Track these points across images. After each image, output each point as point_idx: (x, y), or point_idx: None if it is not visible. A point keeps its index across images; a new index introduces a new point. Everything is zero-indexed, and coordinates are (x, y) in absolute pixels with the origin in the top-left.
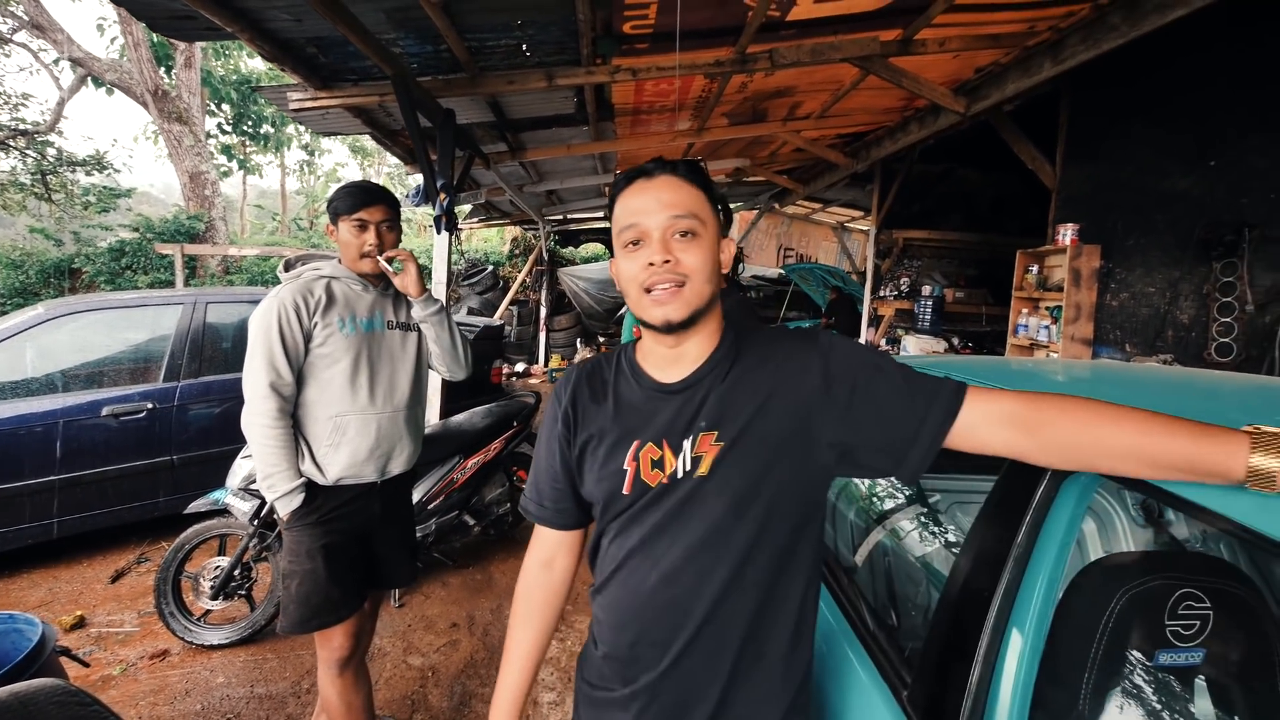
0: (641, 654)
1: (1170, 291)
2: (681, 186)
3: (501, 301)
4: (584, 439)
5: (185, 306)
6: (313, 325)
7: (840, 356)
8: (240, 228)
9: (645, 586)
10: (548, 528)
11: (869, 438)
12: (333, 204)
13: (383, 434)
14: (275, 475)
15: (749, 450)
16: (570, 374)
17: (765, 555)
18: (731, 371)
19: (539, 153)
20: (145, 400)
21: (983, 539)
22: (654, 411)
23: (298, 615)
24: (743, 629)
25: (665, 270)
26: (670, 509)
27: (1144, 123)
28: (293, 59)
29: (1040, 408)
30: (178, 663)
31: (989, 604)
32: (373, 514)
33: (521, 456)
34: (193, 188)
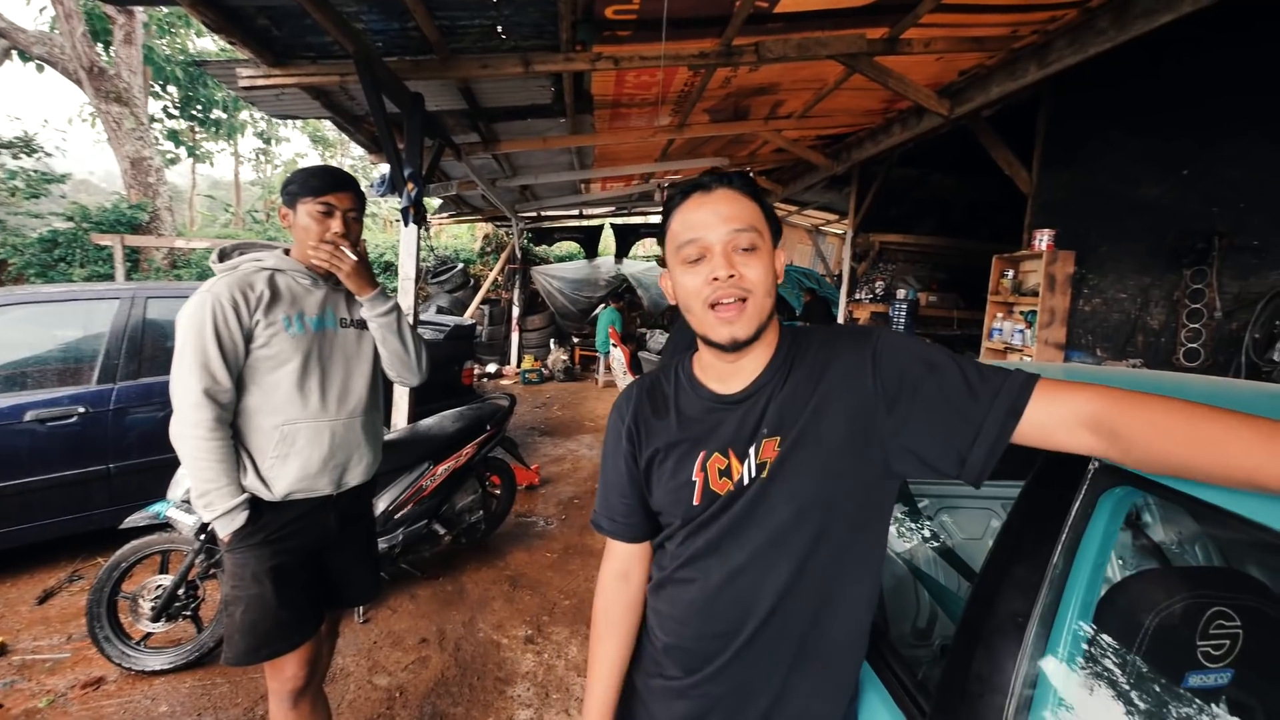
0: (706, 645)
1: (1141, 297)
2: (739, 199)
3: (472, 300)
4: (650, 453)
5: (123, 301)
6: (253, 324)
7: (893, 354)
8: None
9: (712, 582)
10: (621, 541)
11: (927, 437)
12: (291, 185)
13: (337, 443)
14: (212, 493)
15: (808, 452)
16: (631, 391)
17: (826, 554)
18: (790, 377)
19: (513, 145)
20: (76, 404)
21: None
22: (718, 422)
23: (244, 645)
24: (804, 624)
25: (730, 285)
26: (738, 513)
27: (1120, 131)
28: (242, 31)
29: (1123, 409)
30: (114, 691)
31: (1024, 630)
32: (328, 528)
33: (495, 461)
34: (134, 174)
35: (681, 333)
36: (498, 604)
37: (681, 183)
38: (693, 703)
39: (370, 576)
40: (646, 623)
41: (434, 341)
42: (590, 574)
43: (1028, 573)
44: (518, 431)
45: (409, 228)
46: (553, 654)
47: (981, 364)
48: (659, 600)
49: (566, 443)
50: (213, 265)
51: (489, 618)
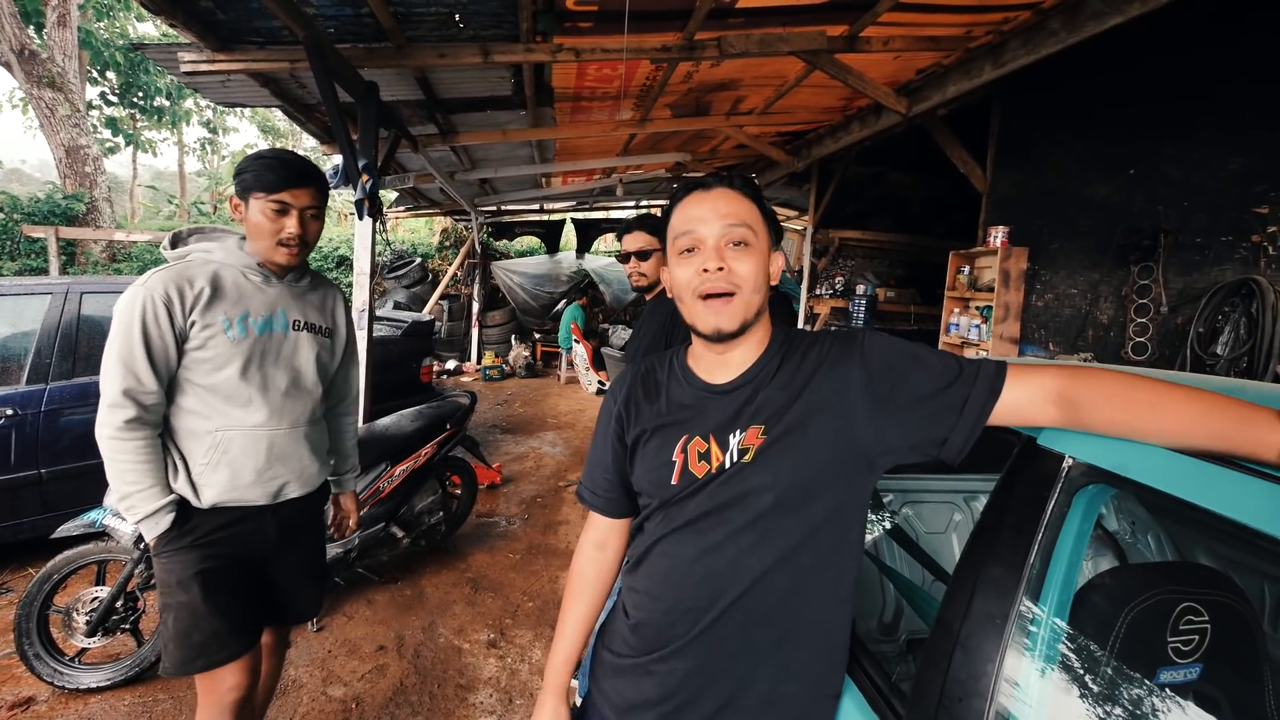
0: (675, 621)
1: (1091, 293)
2: (736, 198)
3: (431, 295)
4: (636, 434)
5: (55, 296)
6: (188, 324)
7: (879, 351)
8: (130, 211)
9: (685, 558)
10: (601, 515)
11: (913, 426)
12: (245, 175)
13: (275, 454)
14: (133, 495)
15: (793, 442)
16: (625, 376)
17: (807, 542)
18: (779, 372)
19: (472, 137)
20: (3, 405)
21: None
22: (704, 410)
23: (179, 655)
24: (776, 609)
25: (719, 277)
26: (715, 494)
27: (1069, 131)
28: (184, 13)
29: (1084, 384)
30: (45, 712)
31: (1003, 632)
32: (266, 538)
33: (456, 461)
34: (69, 164)
35: (646, 325)
36: (459, 608)
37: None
38: (659, 680)
39: (312, 593)
40: (620, 603)
41: (391, 338)
42: (554, 574)
43: (1004, 573)
44: (479, 429)
45: (364, 221)
46: (516, 658)
47: (958, 355)
48: (634, 578)
49: (529, 440)
50: (164, 252)
51: (449, 622)
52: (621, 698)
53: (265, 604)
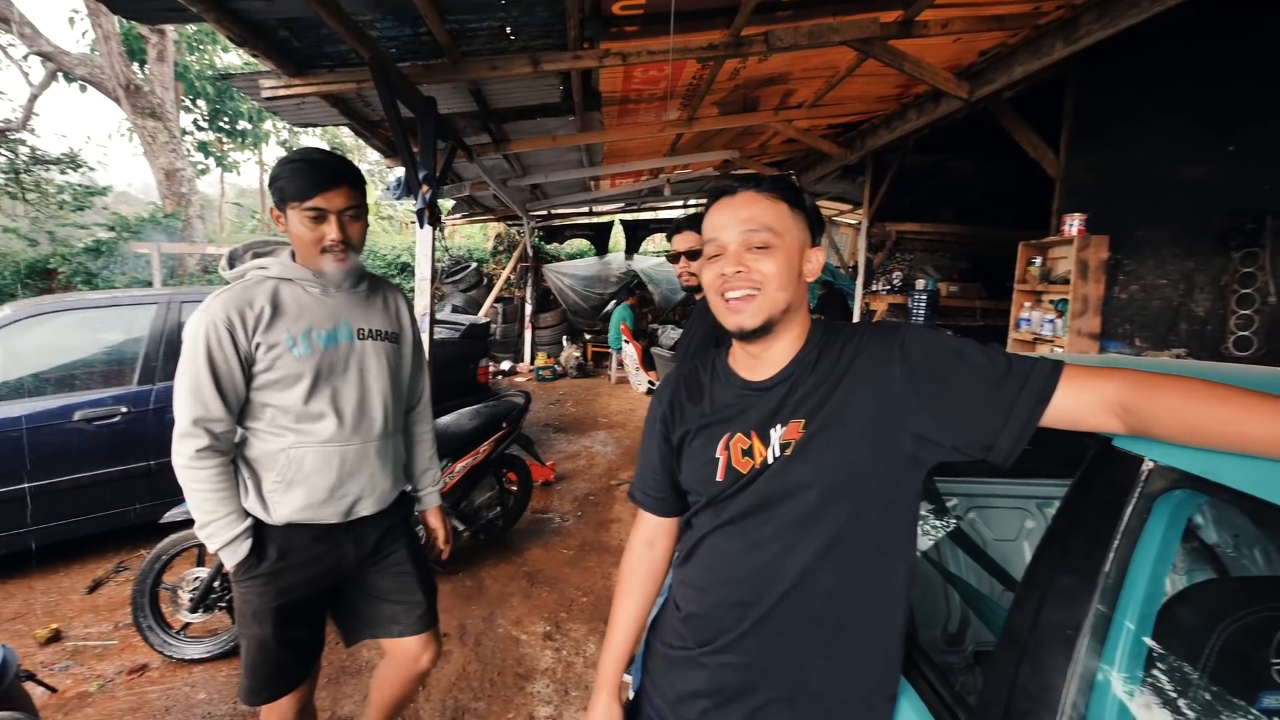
0: (724, 615)
1: (1184, 283)
2: (760, 201)
3: (486, 299)
4: (681, 434)
5: (159, 306)
6: (253, 347)
7: (919, 346)
8: (219, 226)
9: (734, 553)
10: (650, 514)
11: (955, 426)
12: (279, 183)
13: (347, 470)
14: (211, 524)
15: (833, 436)
16: (670, 379)
17: (852, 538)
18: (818, 366)
19: (523, 144)
20: (119, 404)
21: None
22: (745, 406)
23: (248, 684)
24: (826, 606)
25: (738, 279)
26: (761, 489)
27: (1155, 107)
28: (264, 43)
29: (1151, 395)
30: (157, 678)
31: (1075, 644)
32: (344, 557)
33: (512, 458)
34: (168, 185)
35: (697, 325)
36: (516, 600)
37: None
38: (710, 673)
39: (421, 605)
40: (671, 596)
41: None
42: (607, 571)
43: (1077, 582)
44: (533, 428)
45: (424, 229)
46: (571, 651)
47: (1008, 352)
48: (683, 571)
49: (581, 439)
50: (222, 272)
51: (508, 613)
52: (673, 689)
53: (367, 618)
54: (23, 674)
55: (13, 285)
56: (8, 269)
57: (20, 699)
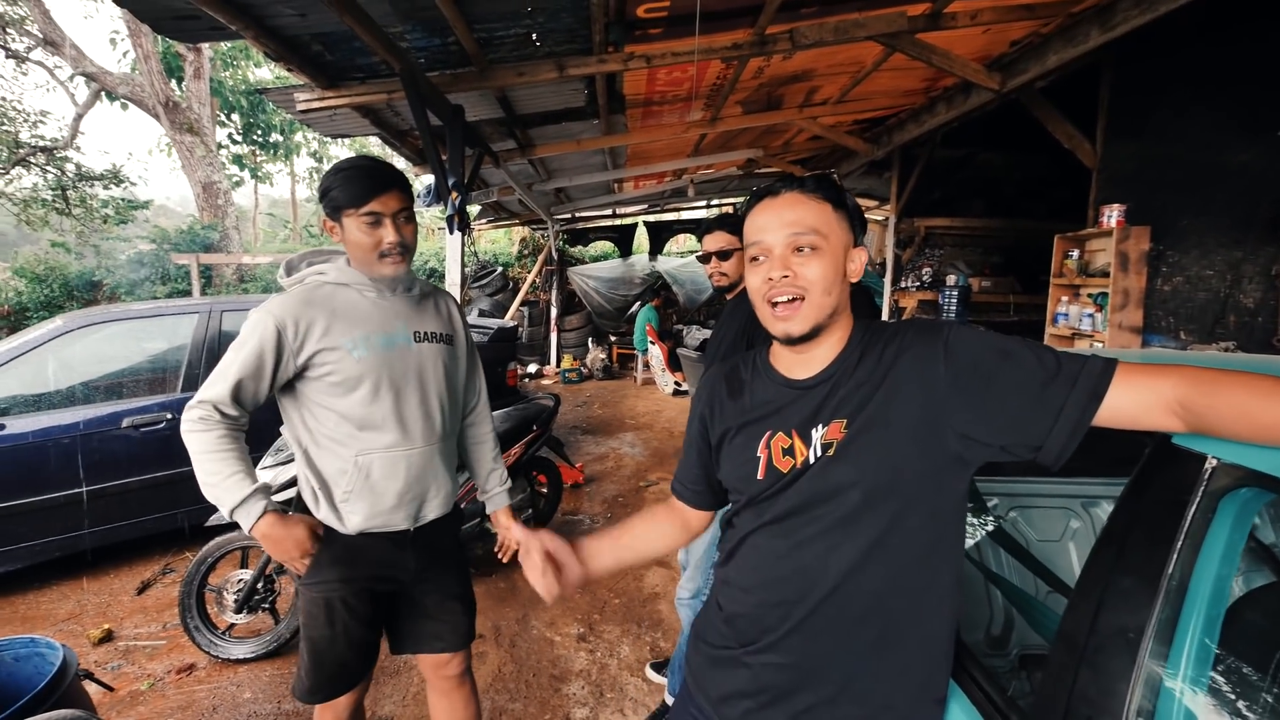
0: (766, 614)
1: (1232, 274)
2: (804, 202)
3: (512, 303)
4: (721, 432)
5: (201, 315)
6: (302, 354)
7: (964, 345)
8: (253, 236)
9: (777, 552)
10: (687, 505)
11: (1002, 426)
12: (332, 193)
13: (414, 474)
14: (217, 485)
15: (876, 436)
16: (711, 375)
17: (897, 539)
18: (860, 366)
19: (548, 149)
20: (164, 410)
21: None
22: (786, 405)
23: (308, 683)
24: (872, 607)
25: (784, 284)
26: (803, 489)
27: (1197, 93)
28: (299, 58)
29: (1213, 393)
30: (204, 677)
31: (1138, 648)
32: (407, 565)
33: (542, 460)
34: (206, 198)
35: (727, 325)
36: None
37: (758, 190)
38: (753, 673)
39: (464, 619)
40: (713, 596)
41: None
42: (638, 573)
43: (1138, 584)
44: (560, 431)
45: (454, 235)
46: (605, 653)
47: (1057, 350)
48: (726, 570)
49: (609, 441)
50: (280, 280)
51: (541, 615)
52: (716, 688)
53: (412, 634)
54: (82, 673)
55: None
56: (56, 282)
57: (81, 697)
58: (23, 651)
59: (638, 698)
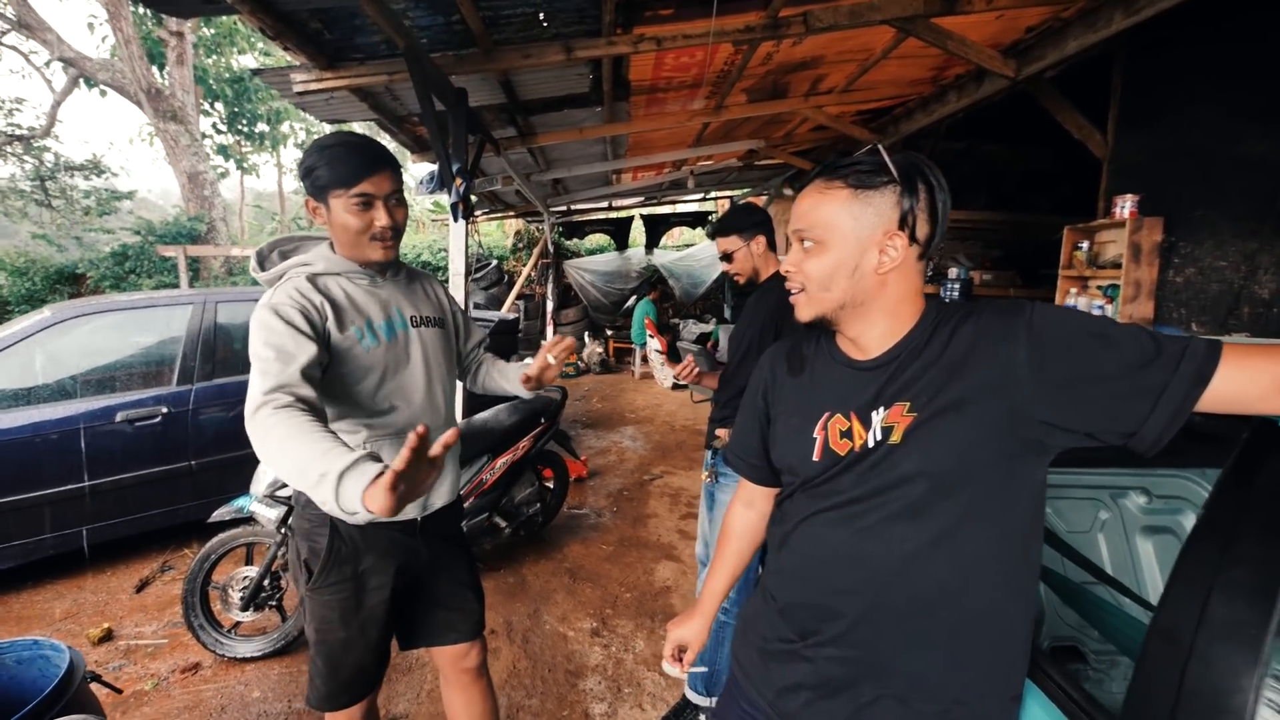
0: (827, 605)
1: (1246, 265)
2: (818, 194)
3: (507, 296)
4: (779, 410)
5: (195, 306)
6: (327, 334)
7: (1049, 326)
8: (240, 229)
9: (836, 540)
10: (749, 480)
11: (1092, 412)
12: (316, 171)
13: None
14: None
15: (946, 421)
16: (775, 350)
17: (969, 530)
18: (928, 347)
19: (550, 137)
20: (159, 404)
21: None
22: (846, 386)
23: (325, 689)
24: (941, 600)
25: (792, 276)
26: (865, 476)
27: (1213, 81)
28: (296, 35)
29: None
30: (210, 677)
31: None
32: (418, 555)
33: (548, 454)
34: (192, 188)
35: (751, 318)
36: (560, 596)
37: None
38: (815, 666)
39: (476, 609)
40: (764, 588)
41: None
42: (648, 566)
43: (1253, 575)
44: (561, 424)
45: (458, 223)
46: (620, 647)
47: (1154, 331)
48: (780, 558)
49: (610, 435)
50: (255, 274)
51: (553, 610)
52: (771, 683)
53: (425, 626)
54: (89, 675)
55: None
56: (38, 275)
57: (90, 702)
58: (25, 654)
59: (656, 692)
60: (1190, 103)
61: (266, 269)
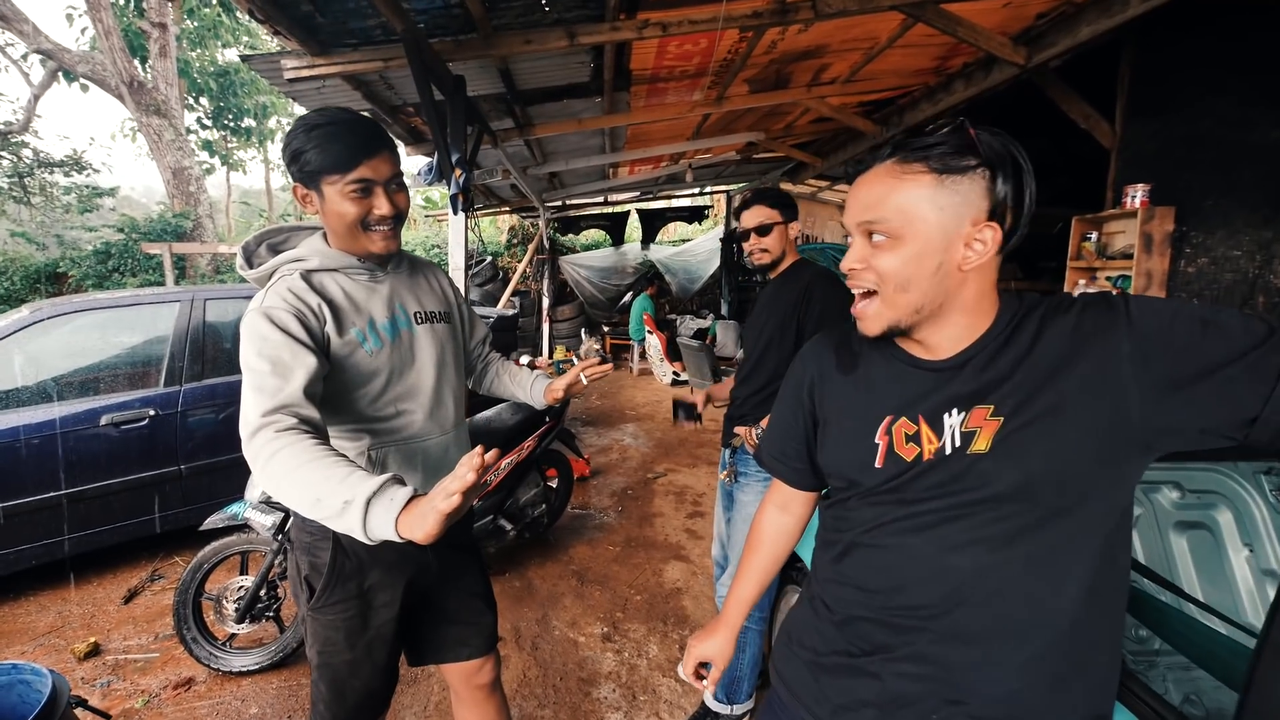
0: (899, 620)
1: (1261, 254)
2: (889, 179)
3: (503, 293)
4: (829, 411)
5: (182, 304)
6: (326, 340)
7: (1153, 316)
8: (227, 226)
9: (913, 553)
10: (789, 485)
11: (1209, 405)
12: (305, 155)
13: (431, 466)
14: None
15: (1044, 428)
16: (819, 342)
17: (1067, 544)
18: (1010, 345)
19: (548, 128)
20: (146, 407)
21: None
22: (910, 386)
23: (330, 716)
24: (1031, 621)
25: (855, 275)
26: (943, 485)
27: (1225, 68)
28: (287, 20)
29: None
30: (205, 692)
31: None
32: (427, 567)
33: (552, 453)
34: (176, 184)
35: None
36: (568, 600)
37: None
38: (885, 684)
39: (489, 621)
40: (816, 598)
41: None
42: (656, 567)
43: None
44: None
45: (457, 216)
46: (633, 653)
47: (1264, 315)
48: (841, 567)
49: (611, 433)
50: (242, 271)
51: (561, 615)
52: (827, 699)
53: (435, 642)
54: (74, 700)
55: (23, 290)
56: (18, 274)
57: None
58: (3, 680)
59: (673, 700)
60: (1202, 91)
61: (255, 266)
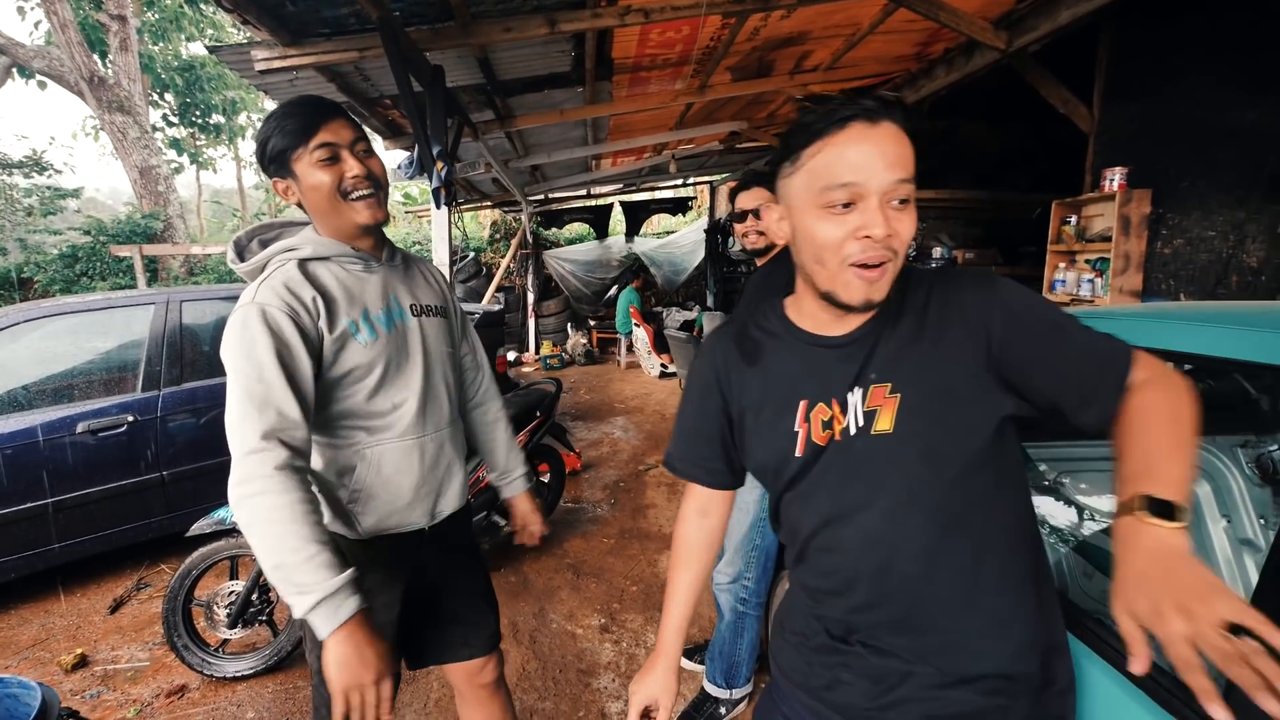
0: (857, 619)
1: (1235, 234)
2: (903, 140)
3: (487, 289)
4: (743, 404)
5: (157, 307)
6: (321, 336)
7: (1023, 307)
8: (199, 227)
9: (848, 550)
10: (707, 487)
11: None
12: (270, 143)
13: (428, 464)
14: (294, 565)
15: (933, 400)
16: (718, 336)
17: (971, 508)
18: (901, 320)
19: (529, 119)
20: (124, 413)
21: None
22: (816, 368)
23: None
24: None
25: (882, 246)
26: (851, 467)
27: (1200, 50)
28: (256, 8)
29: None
30: (198, 699)
31: None
32: (426, 569)
33: (544, 448)
34: (144, 184)
35: (761, 293)
36: (564, 593)
37: (833, 102)
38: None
39: (492, 620)
40: (795, 585)
41: None
42: (651, 558)
43: None
44: None
45: (440, 210)
46: (631, 642)
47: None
48: (803, 573)
49: (600, 426)
50: (233, 266)
51: (558, 608)
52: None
53: (436, 643)
54: (64, 712)
55: None
56: None
57: None
58: None
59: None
60: (1179, 73)
61: (246, 259)
